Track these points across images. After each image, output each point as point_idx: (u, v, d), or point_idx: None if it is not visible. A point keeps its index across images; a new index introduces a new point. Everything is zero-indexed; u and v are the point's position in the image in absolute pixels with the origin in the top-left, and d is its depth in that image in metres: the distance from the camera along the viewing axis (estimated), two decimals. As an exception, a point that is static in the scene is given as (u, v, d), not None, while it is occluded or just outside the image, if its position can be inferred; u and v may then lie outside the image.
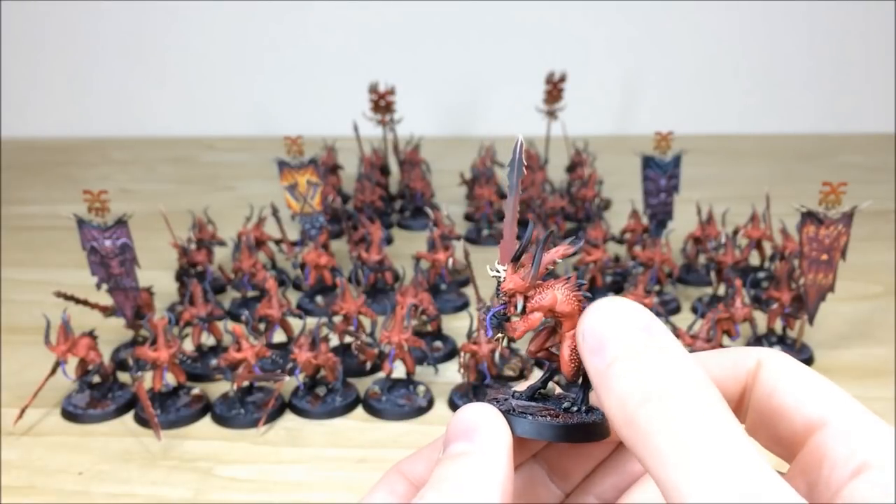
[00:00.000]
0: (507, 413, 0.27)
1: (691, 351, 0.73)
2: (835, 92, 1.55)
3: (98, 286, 0.75)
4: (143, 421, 0.69)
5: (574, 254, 0.31)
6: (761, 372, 0.27)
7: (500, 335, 0.29)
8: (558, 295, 0.28)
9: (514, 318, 0.28)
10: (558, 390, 0.31)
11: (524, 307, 0.28)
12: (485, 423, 0.27)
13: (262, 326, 0.78)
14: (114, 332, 0.81)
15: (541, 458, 0.31)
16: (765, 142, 1.51)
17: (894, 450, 0.23)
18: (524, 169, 0.29)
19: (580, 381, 0.29)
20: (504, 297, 0.28)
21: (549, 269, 0.29)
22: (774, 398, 0.26)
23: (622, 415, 0.23)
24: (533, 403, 0.29)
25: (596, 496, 0.31)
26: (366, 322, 0.79)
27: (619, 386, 0.24)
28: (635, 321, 0.25)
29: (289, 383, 0.72)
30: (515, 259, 0.28)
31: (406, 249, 1.00)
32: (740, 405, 0.28)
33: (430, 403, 0.72)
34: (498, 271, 0.28)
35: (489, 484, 0.25)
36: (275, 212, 0.92)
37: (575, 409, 0.29)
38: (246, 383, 0.71)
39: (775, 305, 0.78)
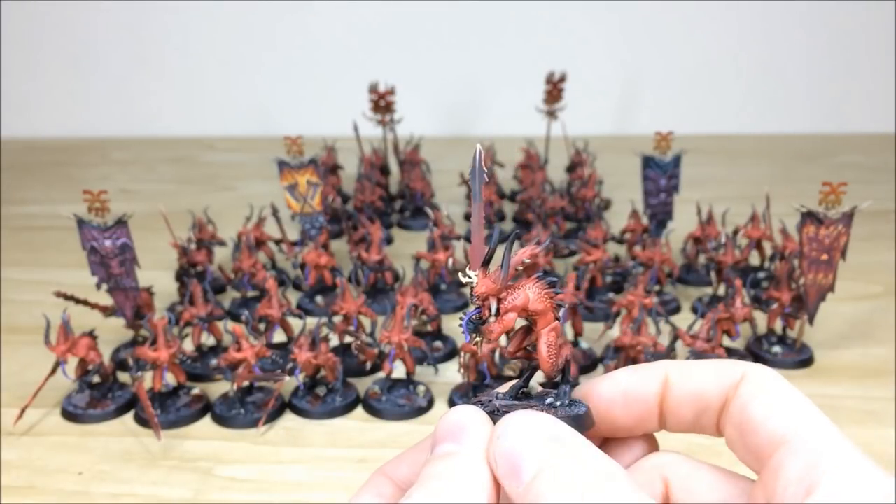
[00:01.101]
0: (493, 413, 0.28)
1: (692, 351, 0.73)
2: (835, 92, 1.55)
3: (98, 286, 0.75)
4: (143, 421, 0.69)
5: (543, 254, 0.32)
6: (741, 386, 0.28)
7: (477, 339, 0.30)
8: (530, 294, 0.29)
9: (490, 321, 0.29)
10: (539, 388, 0.31)
11: (498, 309, 0.28)
12: (471, 425, 0.27)
13: (262, 326, 0.78)
14: (114, 332, 0.81)
15: None
16: (765, 142, 1.52)
17: (844, 466, 0.24)
18: (485, 176, 0.29)
19: (560, 376, 0.30)
20: (478, 301, 0.29)
21: (518, 270, 0.29)
22: (745, 413, 0.27)
23: None
24: (517, 402, 0.29)
25: None
26: (366, 322, 0.79)
27: None
28: (542, 433, 0.26)
29: (289, 383, 0.72)
30: (485, 263, 0.28)
31: (406, 249, 1.00)
32: (721, 416, 0.29)
33: (430, 403, 0.72)
34: (470, 277, 0.29)
35: (475, 483, 0.26)
36: (275, 212, 0.92)
37: (558, 403, 0.29)
38: (246, 383, 0.71)
39: (775, 305, 0.78)
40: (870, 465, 0.24)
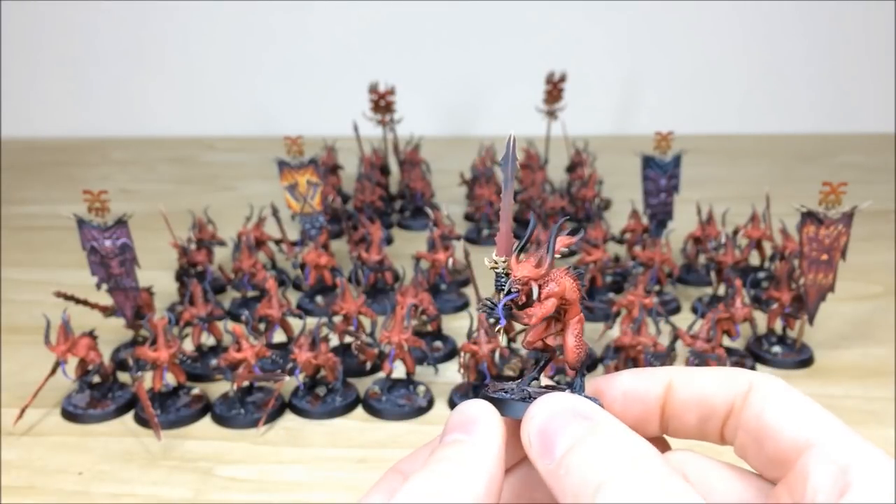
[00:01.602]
0: (523, 399, 0.28)
1: (692, 351, 0.73)
2: (835, 92, 1.55)
3: (98, 286, 0.75)
4: (143, 421, 0.69)
5: (575, 245, 0.32)
6: (751, 394, 0.28)
7: (500, 327, 0.29)
8: (567, 283, 0.29)
9: (527, 307, 0.29)
10: (548, 382, 0.31)
11: (539, 294, 0.28)
12: (482, 417, 0.27)
13: (262, 326, 0.78)
14: (114, 332, 0.81)
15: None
16: (765, 142, 1.52)
17: (876, 467, 0.24)
18: (517, 164, 0.29)
19: (580, 367, 0.30)
20: (517, 286, 0.28)
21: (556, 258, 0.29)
22: (762, 420, 0.27)
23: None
24: (543, 389, 0.29)
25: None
26: (366, 322, 0.79)
27: (570, 484, 0.25)
28: (575, 412, 0.26)
29: (289, 383, 0.72)
30: (519, 251, 0.29)
31: (406, 249, 1.00)
32: (726, 423, 0.29)
33: (430, 403, 0.72)
34: (497, 263, 0.29)
35: (479, 470, 0.26)
36: (275, 212, 0.92)
37: (576, 393, 0.29)
38: (246, 383, 0.71)
39: (775, 305, 0.78)
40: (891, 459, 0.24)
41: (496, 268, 0.29)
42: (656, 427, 0.31)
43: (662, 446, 0.32)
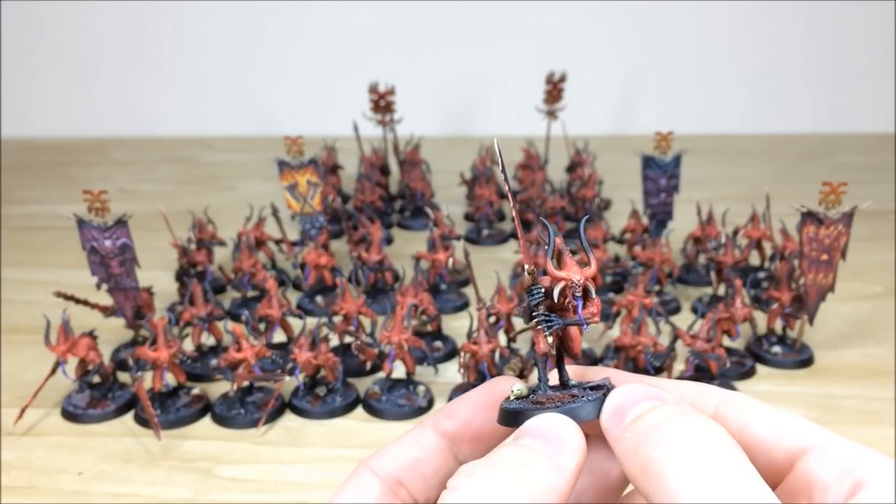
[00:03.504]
0: (576, 408, 0.27)
1: (692, 351, 0.73)
2: (835, 92, 1.55)
3: (98, 286, 0.75)
4: (143, 421, 0.69)
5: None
6: (726, 411, 0.28)
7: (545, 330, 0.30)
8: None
9: (585, 306, 0.29)
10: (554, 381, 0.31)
11: (595, 291, 0.29)
12: (571, 438, 0.26)
13: (262, 326, 0.78)
14: (114, 332, 0.81)
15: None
16: (765, 142, 1.51)
17: (885, 467, 0.24)
18: (502, 168, 0.30)
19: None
20: (578, 289, 0.29)
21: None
22: (749, 434, 0.27)
23: (636, 464, 0.24)
24: (558, 394, 0.29)
25: (574, 497, 0.31)
26: (366, 322, 0.79)
27: (631, 442, 0.25)
28: (646, 395, 0.27)
29: (289, 383, 0.72)
30: (552, 255, 0.29)
31: (406, 249, 1.00)
32: None
33: (430, 403, 0.72)
34: (532, 273, 0.29)
35: (551, 490, 0.25)
36: (275, 212, 0.92)
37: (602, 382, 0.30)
38: (246, 383, 0.71)
39: (775, 305, 0.78)
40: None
41: (535, 278, 0.29)
42: None
43: None
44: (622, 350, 0.72)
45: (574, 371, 0.31)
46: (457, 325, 0.84)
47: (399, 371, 0.72)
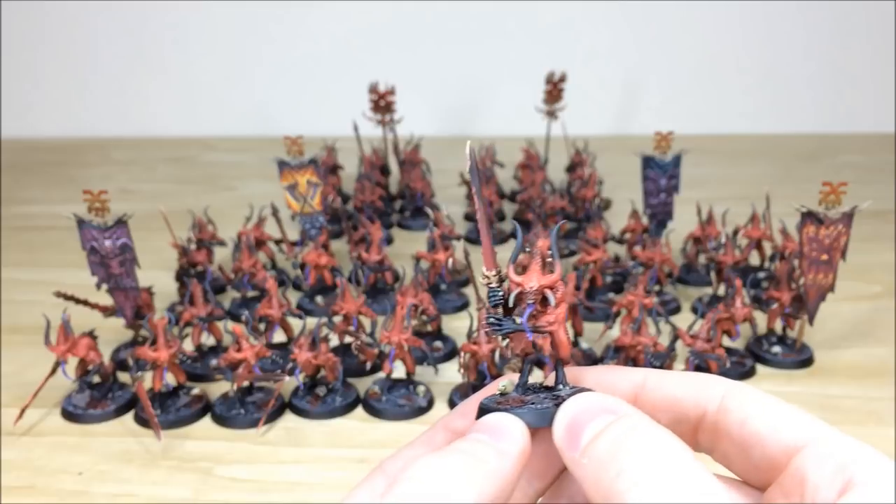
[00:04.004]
0: (526, 412, 0.28)
1: (692, 351, 0.73)
2: (835, 92, 1.55)
3: (98, 286, 0.75)
4: (143, 421, 0.69)
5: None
6: (730, 402, 0.28)
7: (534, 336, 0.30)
8: (562, 283, 0.29)
9: (545, 314, 0.29)
10: (544, 381, 0.31)
11: (555, 299, 0.29)
12: (511, 428, 0.27)
13: (262, 326, 0.78)
14: (114, 332, 0.81)
15: (559, 482, 0.31)
16: (765, 142, 1.51)
17: (878, 465, 0.24)
18: (481, 173, 0.30)
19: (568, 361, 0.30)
20: (534, 296, 0.28)
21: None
22: (747, 427, 0.27)
23: (599, 494, 0.24)
24: (528, 397, 0.30)
25: (568, 497, 0.31)
26: (366, 322, 0.79)
27: (592, 470, 0.25)
28: (599, 408, 0.27)
29: (289, 383, 0.72)
30: (514, 260, 0.29)
31: (406, 249, 1.00)
32: (697, 429, 0.29)
33: (430, 403, 0.72)
34: (489, 277, 0.29)
35: (494, 473, 0.26)
36: (275, 212, 0.92)
37: (570, 389, 0.30)
38: (246, 383, 0.71)
39: (775, 305, 0.78)
40: (891, 460, 0.24)
41: (491, 282, 0.29)
42: None
43: None
44: (622, 350, 0.72)
45: (570, 372, 0.31)
46: (457, 325, 0.84)
47: (399, 371, 0.72)
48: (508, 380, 0.31)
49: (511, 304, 0.29)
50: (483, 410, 0.29)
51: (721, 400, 0.28)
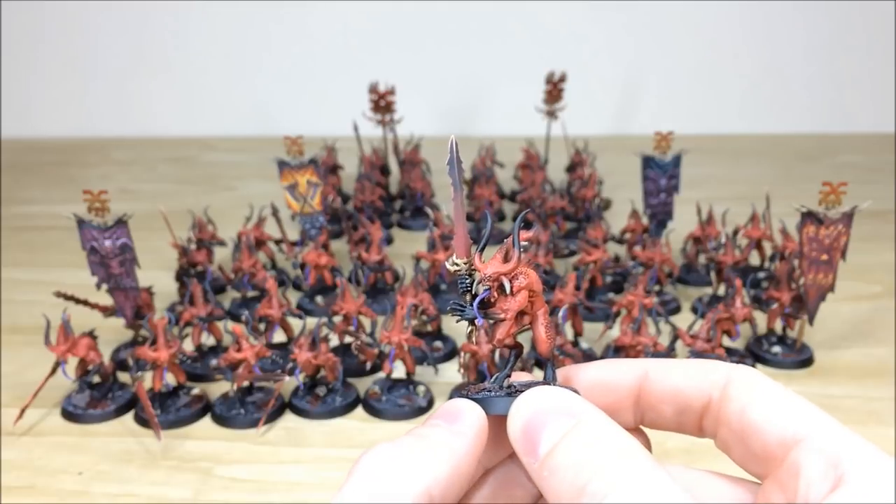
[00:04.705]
0: (484, 399, 0.28)
1: (692, 351, 0.73)
2: (835, 92, 1.55)
3: (98, 286, 0.75)
4: (143, 421, 0.69)
5: (543, 252, 0.33)
6: (732, 389, 0.27)
7: (473, 326, 0.30)
8: (533, 274, 0.29)
9: (500, 302, 0.29)
10: (525, 377, 0.31)
11: (511, 288, 0.29)
12: (466, 411, 0.28)
13: (262, 326, 0.78)
14: (114, 332, 0.81)
15: (517, 457, 0.31)
16: (765, 142, 1.51)
17: (869, 461, 0.24)
18: (461, 166, 0.30)
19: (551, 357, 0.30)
20: (488, 283, 0.29)
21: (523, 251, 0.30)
22: (747, 416, 0.27)
23: None
24: (517, 383, 0.30)
25: (521, 486, 0.31)
26: (366, 322, 0.79)
27: (554, 484, 0.25)
28: (559, 408, 0.26)
29: (289, 383, 0.72)
30: (482, 249, 0.29)
31: (406, 249, 1.00)
32: (703, 415, 0.29)
33: (430, 403, 0.72)
34: (458, 264, 0.29)
35: (448, 455, 0.26)
36: (275, 212, 0.92)
37: (525, 381, 0.30)
38: (246, 383, 0.71)
39: (775, 305, 0.78)
40: (889, 457, 0.24)
41: (459, 270, 0.29)
42: (630, 418, 0.30)
43: (639, 437, 0.31)
44: (622, 350, 0.72)
45: (571, 368, 0.31)
46: (457, 325, 0.84)
47: (399, 371, 0.72)
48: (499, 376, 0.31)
49: (472, 290, 0.29)
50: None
51: (723, 387, 0.28)
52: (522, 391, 0.28)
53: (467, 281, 0.30)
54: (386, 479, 0.24)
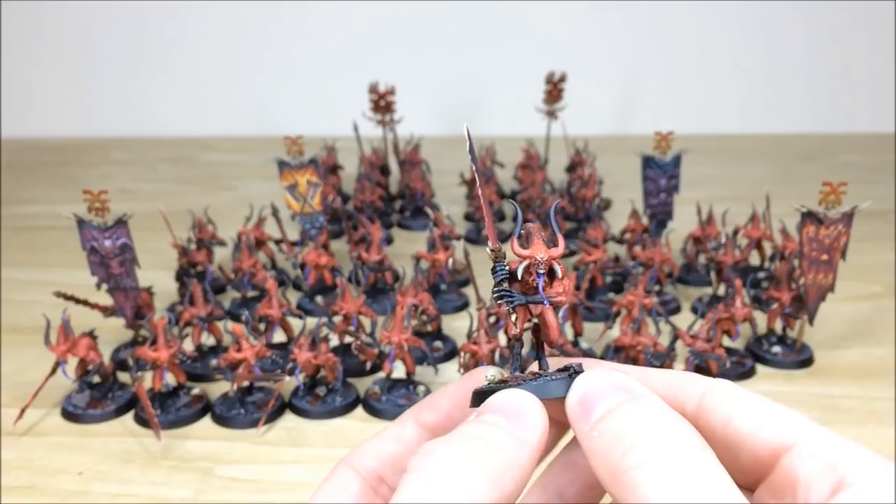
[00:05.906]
0: (540, 385, 0.28)
1: (692, 351, 0.73)
2: (835, 92, 1.55)
3: (98, 286, 0.75)
4: (143, 421, 0.69)
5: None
6: (711, 401, 0.27)
7: (514, 315, 0.30)
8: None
9: (554, 286, 0.29)
10: (534, 369, 0.31)
11: (562, 271, 0.29)
12: (531, 410, 0.26)
13: (262, 326, 0.78)
14: (114, 332, 0.81)
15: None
16: (765, 142, 1.51)
17: (869, 464, 0.24)
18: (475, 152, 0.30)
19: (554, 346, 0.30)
20: (542, 267, 0.29)
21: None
22: (732, 427, 0.26)
23: (607, 469, 0.24)
24: (554, 372, 0.29)
25: (558, 496, 0.31)
26: (366, 322, 0.79)
27: (600, 445, 0.25)
28: (614, 385, 0.26)
29: (289, 383, 0.72)
30: (518, 235, 0.29)
31: (406, 249, 1.00)
32: None
33: (430, 403, 0.72)
34: (495, 250, 0.29)
35: (514, 464, 0.25)
36: (275, 212, 0.92)
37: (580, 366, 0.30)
38: (246, 383, 0.71)
39: (775, 305, 0.78)
40: (886, 460, 0.24)
41: (498, 256, 0.29)
42: None
43: None
44: (622, 350, 0.72)
45: (555, 363, 0.31)
46: (457, 325, 0.84)
47: (399, 371, 0.72)
48: (496, 370, 0.30)
49: (519, 277, 0.29)
50: (482, 395, 0.28)
51: (700, 399, 0.28)
52: (579, 372, 0.28)
53: (506, 267, 0.29)
54: (451, 489, 0.23)
